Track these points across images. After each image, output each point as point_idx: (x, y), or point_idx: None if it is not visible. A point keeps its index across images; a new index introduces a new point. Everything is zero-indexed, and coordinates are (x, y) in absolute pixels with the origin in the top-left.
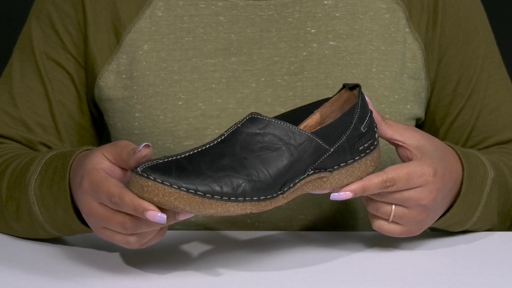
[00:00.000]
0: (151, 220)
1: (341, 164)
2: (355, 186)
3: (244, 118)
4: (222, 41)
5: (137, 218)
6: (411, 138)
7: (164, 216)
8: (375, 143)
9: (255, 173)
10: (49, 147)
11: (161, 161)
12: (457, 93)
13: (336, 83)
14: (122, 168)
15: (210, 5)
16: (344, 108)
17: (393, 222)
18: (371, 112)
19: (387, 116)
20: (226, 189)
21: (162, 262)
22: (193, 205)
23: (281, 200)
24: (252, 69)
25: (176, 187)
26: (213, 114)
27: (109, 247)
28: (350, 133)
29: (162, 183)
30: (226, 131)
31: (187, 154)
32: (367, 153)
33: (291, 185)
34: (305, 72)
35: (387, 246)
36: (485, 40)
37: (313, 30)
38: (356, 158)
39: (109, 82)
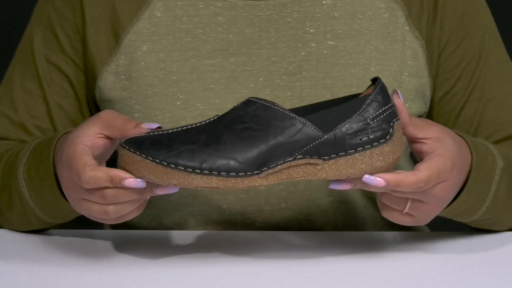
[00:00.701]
0: (131, 186)
1: (340, 153)
2: (391, 176)
3: (241, 102)
4: (220, 42)
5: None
6: (430, 132)
7: (142, 181)
8: (387, 137)
9: (229, 149)
10: None
11: (143, 134)
12: (459, 87)
13: (334, 83)
14: (108, 138)
15: (209, 6)
16: None
17: (405, 213)
18: (391, 105)
19: None
20: (191, 161)
21: (162, 262)
22: (156, 174)
23: (257, 181)
24: (250, 69)
25: (144, 156)
26: (211, 114)
27: (109, 247)
28: (351, 122)
29: (133, 152)
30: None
31: (169, 131)
32: (373, 146)
33: (272, 165)
34: (304, 72)
35: (387, 246)
36: (489, 35)
37: (311, 30)
38: (358, 149)
39: (109, 83)
